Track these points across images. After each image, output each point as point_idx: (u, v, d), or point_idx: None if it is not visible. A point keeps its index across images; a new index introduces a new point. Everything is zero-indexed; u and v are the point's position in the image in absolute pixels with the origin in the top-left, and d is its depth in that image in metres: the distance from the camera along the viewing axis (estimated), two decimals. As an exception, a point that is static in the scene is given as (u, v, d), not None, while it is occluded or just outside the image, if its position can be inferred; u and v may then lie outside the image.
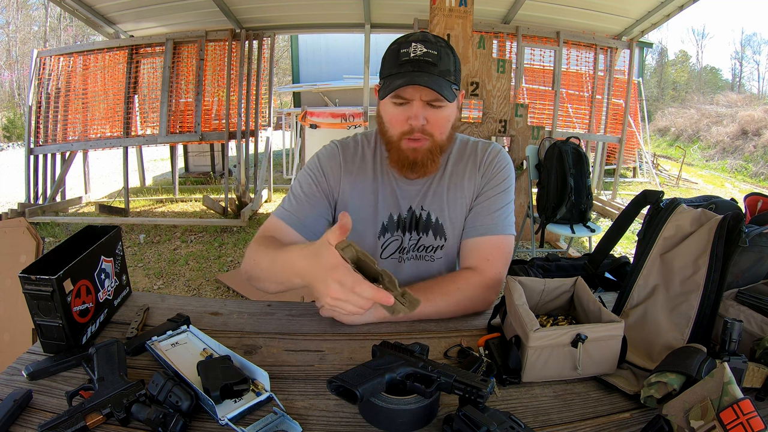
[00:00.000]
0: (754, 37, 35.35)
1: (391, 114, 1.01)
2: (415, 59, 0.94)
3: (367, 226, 1.12)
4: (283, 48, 17.98)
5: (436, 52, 0.95)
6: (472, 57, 3.74)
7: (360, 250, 0.69)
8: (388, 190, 1.11)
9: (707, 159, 11.48)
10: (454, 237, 1.13)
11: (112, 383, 0.71)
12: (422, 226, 1.13)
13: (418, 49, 0.95)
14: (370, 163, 1.12)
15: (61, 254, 0.91)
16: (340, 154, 1.12)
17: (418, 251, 1.14)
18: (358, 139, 1.16)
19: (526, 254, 3.73)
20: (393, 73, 0.96)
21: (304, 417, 0.70)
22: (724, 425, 0.57)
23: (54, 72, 5.35)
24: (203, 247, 4.26)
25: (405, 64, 0.95)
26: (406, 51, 0.95)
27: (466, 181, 1.12)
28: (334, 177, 1.11)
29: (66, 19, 18.95)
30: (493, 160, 1.12)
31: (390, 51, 0.99)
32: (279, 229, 1.06)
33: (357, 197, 1.11)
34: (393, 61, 0.97)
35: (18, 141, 13.31)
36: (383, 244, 1.13)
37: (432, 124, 1.00)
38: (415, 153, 1.02)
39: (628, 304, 0.92)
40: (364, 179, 1.11)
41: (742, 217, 0.80)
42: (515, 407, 0.74)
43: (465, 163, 1.13)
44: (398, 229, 1.13)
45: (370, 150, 1.14)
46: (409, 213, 1.12)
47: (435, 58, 0.95)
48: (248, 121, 5.26)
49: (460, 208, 1.12)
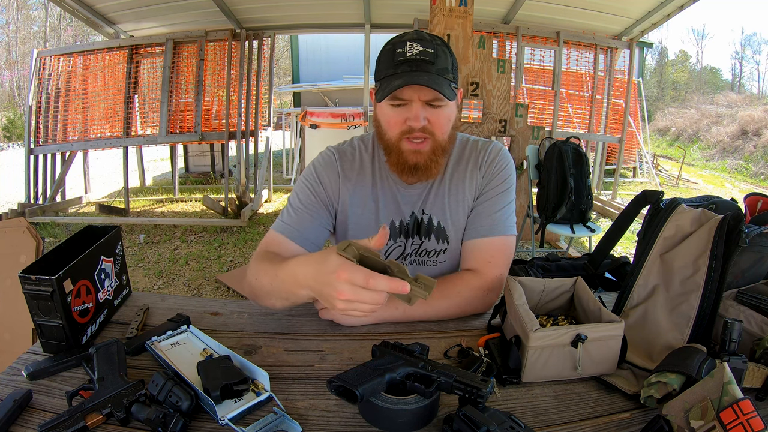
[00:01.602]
0: (754, 37, 35.39)
1: (389, 116, 0.97)
2: (412, 58, 0.91)
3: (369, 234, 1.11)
4: (283, 48, 17.98)
5: (432, 50, 0.92)
6: (472, 57, 3.74)
7: (361, 246, 0.68)
8: (389, 196, 1.08)
9: (707, 159, 11.48)
10: (457, 240, 1.11)
11: (112, 383, 0.71)
12: (424, 230, 1.10)
13: (414, 47, 0.91)
14: (369, 169, 1.09)
15: (61, 254, 0.91)
16: (338, 162, 1.08)
17: (419, 256, 1.12)
18: (355, 144, 1.12)
19: (526, 254, 3.73)
20: (389, 74, 0.92)
21: (304, 417, 0.70)
22: (724, 425, 0.57)
23: (54, 72, 5.35)
24: (203, 247, 4.26)
25: (401, 64, 0.91)
26: (402, 50, 0.92)
27: (467, 182, 1.09)
28: (332, 186, 1.07)
29: (66, 19, 18.95)
30: (494, 159, 1.09)
31: (385, 51, 0.96)
32: (279, 243, 1.02)
33: (357, 205, 1.08)
34: (389, 62, 0.93)
35: (18, 141, 13.31)
36: (386, 252, 1.11)
37: (433, 124, 0.96)
38: (416, 156, 0.98)
39: (628, 304, 0.92)
40: (363, 186, 1.08)
41: (742, 217, 0.80)
42: (515, 407, 0.74)
43: (465, 164, 1.10)
44: (401, 236, 1.10)
45: (368, 155, 1.10)
46: (411, 218, 1.10)
47: (432, 57, 0.91)
48: (248, 121, 5.26)
49: (462, 210, 1.10)
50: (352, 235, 1.08)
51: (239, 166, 5.25)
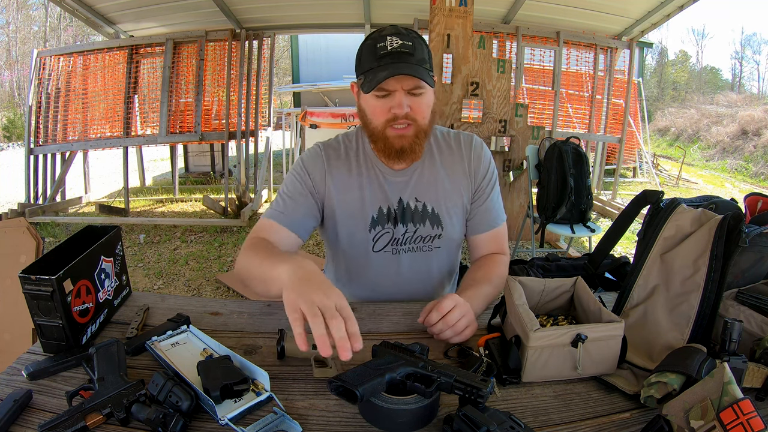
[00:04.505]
0: (754, 37, 35.35)
1: (374, 106, 1.04)
2: (394, 51, 0.98)
3: (356, 221, 1.14)
4: (283, 48, 17.96)
5: (411, 42, 0.99)
6: (472, 57, 3.74)
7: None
8: (375, 183, 1.14)
9: (707, 159, 11.48)
10: (451, 226, 1.17)
11: (112, 383, 0.71)
12: (418, 217, 1.15)
13: (395, 41, 0.98)
14: (354, 160, 1.15)
15: (61, 254, 0.91)
16: (323, 154, 1.15)
17: (415, 242, 1.17)
18: (340, 139, 1.20)
19: (526, 254, 3.73)
20: (373, 67, 0.99)
21: (304, 417, 0.70)
22: (724, 425, 0.57)
23: (54, 72, 5.34)
24: (203, 247, 4.25)
25: (384, 57, 0.98)
26: (383, 44, 0.98)
27: (461, 175, 1.17)
28: (318, 176, 1.13)
29: (66, 19, 18.93)
30: (480, 155, 1.19)
31: (366, 46, 1.02)
32: (271, 229, 1.09)
33: (343, 192, 1.14)
34: (371, 56, 1.00)
35: (18, 141, 13.30)
36: (374, 237, 1.15)
37: (415, 110, 1.03)
38: (401, 140, 1.05)
39: (628, 304, 0.92)
40: (348, 175, 1.14)
41: (742, 217, 0.80)
42: (515, 407, 0.74)
43: (452, 155, 1.18)
44: (389, 222, 1.15)
45: (353, 148, 1.17)
46: (399, 205, 1.14)
47: (411, 49, 0.98)
48: (248, 121, 5.26)
49: (457, 198, 1.17)
50: (341, 223, 1.15)
51: (239, 166, 5.25)
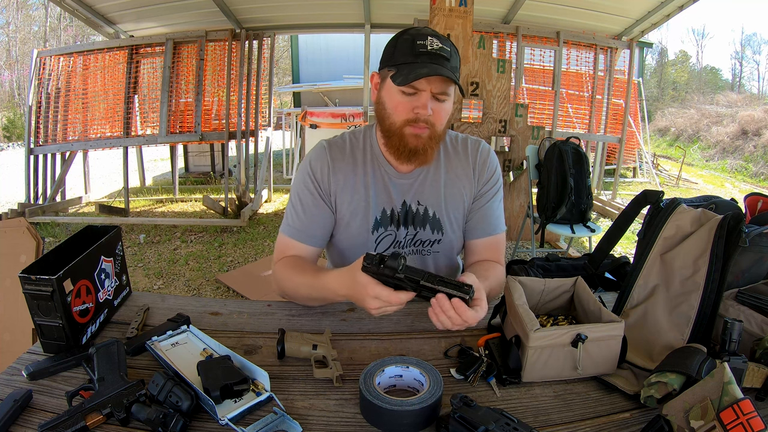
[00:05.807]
0: (754, 37, 35.27)
1: (397, 101, 1.01)
2: (433, 52, 0.96)
3: (360, 222, 1.13)
4: (283, 48, 17.95)
5: (449, 48, 0.98)
6: (472, 57, 3.74)
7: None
8: (380, 184, 1.13)
9: (707, 159, 11.47)
10: (452, 231, 1.16)
11: (112, 383, 0.71)
12: (419, 220, 1.14)
13: (435, 43, 0.97)
14: (360, 159, 1.13)
15: (61, 254, 0.91)
16: (328, 153, 1.13)
17: (415, 246, 1.17)
18: (346, 137, 1.17)
19: (526, 254, 3.73)
20: (409, 61, 0.96)
21: (304, 417, 0.70)
22: (724, 425, 0.57)
23: (54, 72, 5.34)
24: (203, 247, 4.25)
25: (422, 55, 0.96)
26: (423, 43, 0.96)
27: (464, 179, 1.15)
28: (325, 178, 1.12)
29: (66, 19, 18.92)
30: (486, 160, 1.17)
31: (403, 41, 0.99)
32: (293, 247, 1.11)
33: (348, 192, 1.12)
34: (408, 51, 0.97)
35: (18, 141, 13.28)
36: (377, 239, 1.14)
37: (435, 115, 1.02)
38: (416, 140, 1.03)
39: (628, 304, 0.92)
40: (354, 175, 1.12)
41: (742, 217, 0.80)
42: (515, 407, 0.74)
43: (458, 160, 1.16)
44: (392, 224, 1.14)
45: (359, 146, 1.15)
46: (403, 208, 1.14)
47: (448, 54, 0.98)
48: (248, 121, 5.26)
49: (458, 203, 1.15)
50: (343, 223, 1.14)
51: (239, 166, 5.25)
